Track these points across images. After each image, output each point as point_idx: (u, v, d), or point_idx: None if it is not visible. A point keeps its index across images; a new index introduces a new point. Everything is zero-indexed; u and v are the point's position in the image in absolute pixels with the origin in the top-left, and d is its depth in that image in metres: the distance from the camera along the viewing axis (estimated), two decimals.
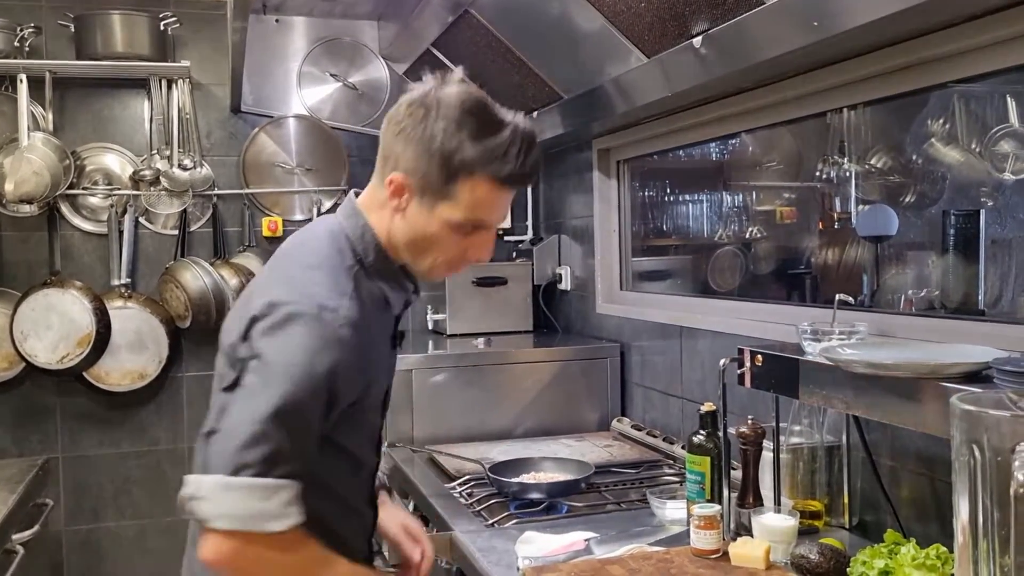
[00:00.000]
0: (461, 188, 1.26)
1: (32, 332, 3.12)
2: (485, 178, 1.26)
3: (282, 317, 1.20)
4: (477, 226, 1.31)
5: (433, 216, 1.29)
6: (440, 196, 1.27)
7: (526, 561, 1.64)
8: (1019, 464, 0.81)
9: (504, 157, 1.25)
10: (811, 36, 1.61)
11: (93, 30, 3.16)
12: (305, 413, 1.20)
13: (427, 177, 1.26)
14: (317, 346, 1.20)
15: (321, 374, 1.19)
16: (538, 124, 2.94)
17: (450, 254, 1.33)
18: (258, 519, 1.15)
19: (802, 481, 1.82)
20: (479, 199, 1.27)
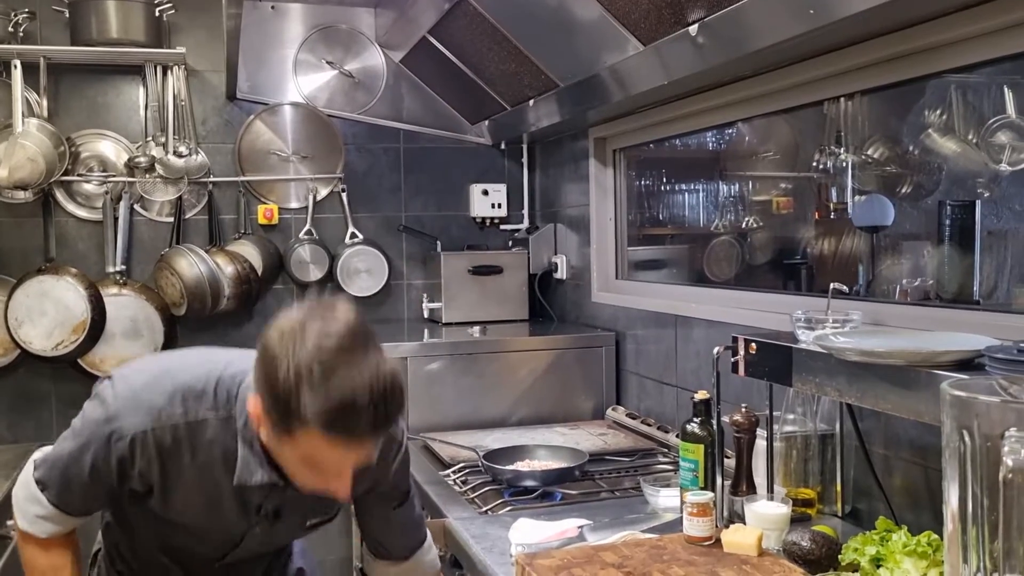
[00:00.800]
0: (299, 433, 1.19)
1: (27, 319, 3.11)
2: (318, 431, 1.16)
3: (102, 388, 1.46)
4: (319, 468, 1.25)
5: (283, 448, 1.26)
6: (283, 433, 1.22)
7: (519, 548, 1.64)
8: (1008, 450, 0.81)
9: (335, 413, 1.15)
10: (807, 24, 1.60)
11: (88, 16, 3.13)
12: (77, 472, 1.43)
13: (272, 411, 1.21)
14: (90, 435, 1.42)
15: (88, 460, 1.41)
16: (534, 112, 2.94)
17: (311, 483, 1.29)
18: (17, 510, 1.52)
19: (795, 469, 1.82)
20: (316, 447, 1.20)
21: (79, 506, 1.48)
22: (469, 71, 3.03)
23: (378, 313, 3.53)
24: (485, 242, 3.62)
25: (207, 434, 1.35)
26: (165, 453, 1.36)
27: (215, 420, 1.35)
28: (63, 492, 1.46)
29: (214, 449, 1.36)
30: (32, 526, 1.49)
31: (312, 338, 1.16)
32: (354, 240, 3.44)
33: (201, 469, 1.37)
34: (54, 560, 1.53)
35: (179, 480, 1.39)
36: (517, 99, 2.95)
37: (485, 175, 3.64)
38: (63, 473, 1.45)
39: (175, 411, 1.35)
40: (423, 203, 3.60)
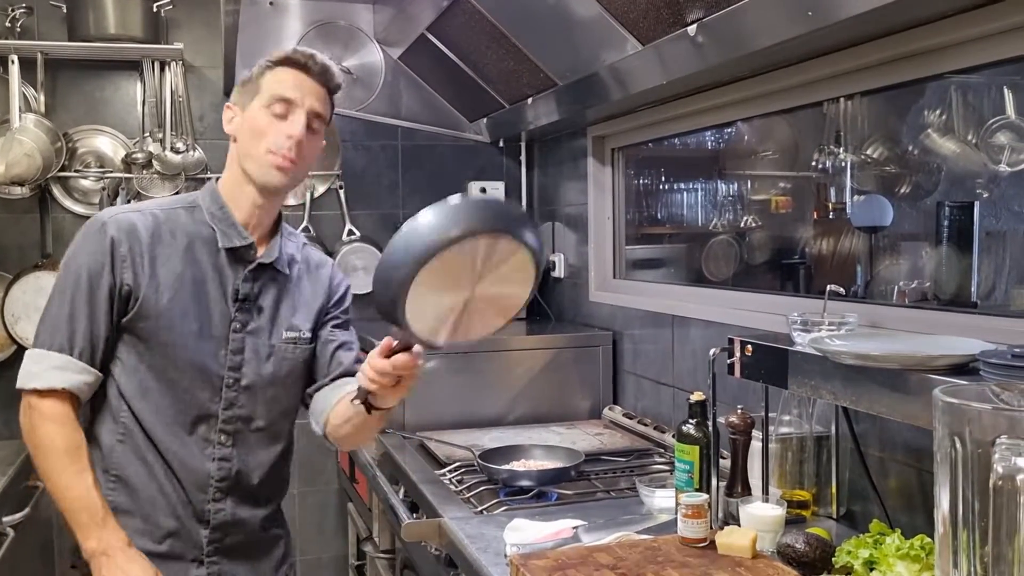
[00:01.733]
0: (264, 80, 1.58)
1: (23, 315, 3.11)
2: (277, 65, 1.58)
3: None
4: (282, 101, 1.56)
5: (250, 111, 1.58)
6: (251, 96, 1.59)
7: (514, 548, 1.64)
8: (999, 457, 0.81)
9: (289, 54, 1.58)
10: (805, 26, 1.60)
11: (85, 11, 3.13)
12: (71, 295, 1.51)
13: (243, 94, 1.62)
14: (80, 240, 1.55)
15: (80, 262, 1.52)
16: (533, 110, 2.93)
17: (270, 139, 1.56)
18: (24, 377, 1.50)
19: (790, 471, 1.82)
20: (277, 79, 1.57)
21: (86, 342, 1.51)
22: (468, 68, 3.03)
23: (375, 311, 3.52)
24: None
25: (181, 219, 1.60)
26: (145, 234, 1.55)
27: (184, 210, 1.62)
28: (69, 331, 1.50)
29: (190, 231, 1.59)
30: (50, 379, 1.48)
31: None
32: (352, 237, 3.44)
33: (179, 250, 1.57)
34: (73, 437, 1.50)
35: (160, 263, 1.55)
36: (516, 97, 2.94)
37: (483, 173, 3.64)
38: (62, 313, 1.51)
39: (151, 207, 1.61)
40: (421, 200, 3.54)
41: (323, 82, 1.61)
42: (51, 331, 1.51)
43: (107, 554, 1.49)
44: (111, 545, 1.50)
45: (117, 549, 1.50)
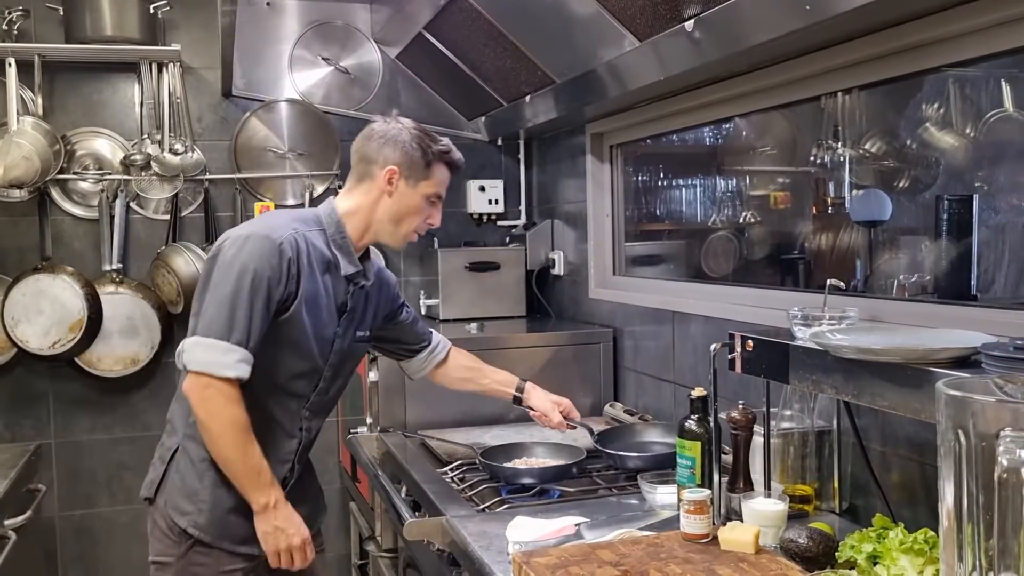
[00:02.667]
0: (435, 170, 1.91)
1: (23, 318, 3.11)
2: (444, 164, 1.93)
3: (241, 237, 1.78)
4: (439, 198, 1.94)
5: (416, 191, 1.90)
6: (422, 177, 1.90)
7: (516, 546, 1.64)
8: (1003, 449, 0.81)
9: (451, 153, 1.94)
10: (803, 20, 1.60)
11: (82, 13, 3.12)
12: (251, 298, 1.72)
13: (413, 165, 1.89)
14: (258, 254, 1.74)
15: (261, 273, 1.73)
16: (531, 108, 2.93)
17: (419, 221, 1.93)
18: (214, 366, 1.70)
19: (792, 466, 1.82)
20: (443, 177, 1.93)
21: (256, 339, 1.73)
22: (465, 67, 3.02)
23: None
24: (482, 238, 3.61)
25: (316, 242, 1.85)
26: (302, 254, 1.80)
27: (317, 232, 1.87)
28: (247, 329, 1.72)
29: (322, 253, 1.85)
30: (238, 370, 1.71)
31: (408, 121, 1.94)
32: None
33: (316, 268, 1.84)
34: (246, 417, 1.74)
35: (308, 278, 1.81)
36: (514, 95, 2.94)
37: (482, 171, 3.64)
38: (240, 311, 1.71)
39: (297, 226, 1.83)
40: None
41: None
42: (229, 325, 1.72)
43: (276, 508, 1.80)
44: (279, 500, 1.80)
45: (282, 503, 1.81)
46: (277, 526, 1.79)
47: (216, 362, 1.70)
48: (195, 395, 1.72)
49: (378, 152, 1.88)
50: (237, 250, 1.75)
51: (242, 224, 1.90)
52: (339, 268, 1.88)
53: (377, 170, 1.88)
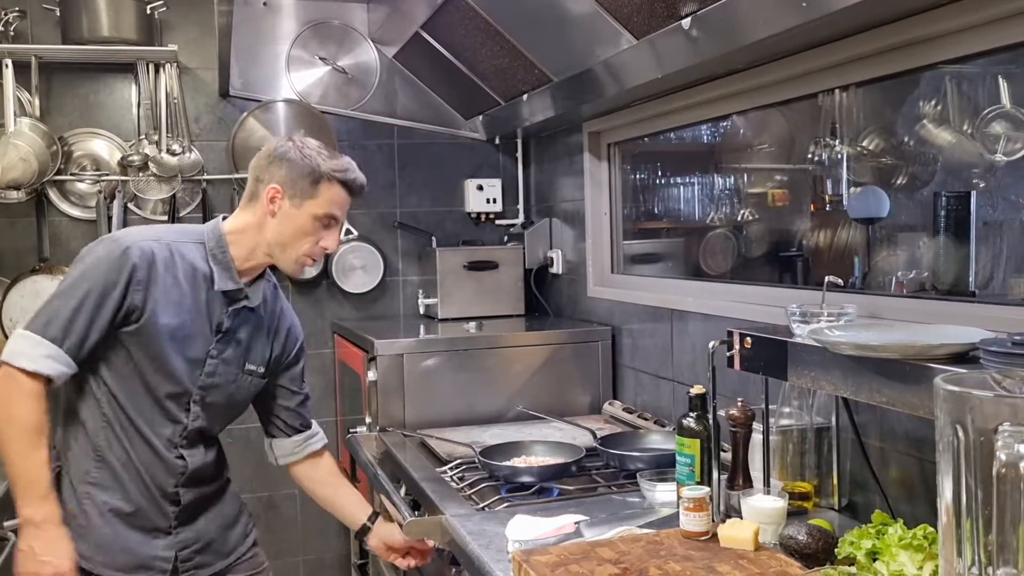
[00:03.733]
0: (323, 189, 1.78)
1: (21, 319, 3.10)
2: (337, 182, 1.80)
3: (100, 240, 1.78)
4: (331, 219, 1.81)
5: (301, 211, 1.78)
6: (307, 196, 1.78)
7: (516, 544, 1.64)
8: (1001, 444, 0.81)
9: (346, 172, 1.81)
10: (800, 17, 1.60)
11: (79, 14, 3.12)
12: (79, 300, 1.66)
13: (298, 184, 1.78)
14: (103, 255, 1.71)
15: (96, 277, 1.68)
16: (528, 107, 2.93)
17: (309, 244, 1.81)
18: (17, 356, 1.65)
19: (791, 463, 1.82)
20: (334, 197, 1.80)
21: (77, 341, 1.66)
22: (462, 66, 3.02)
23: (373, 309, 3.52)
24: (480, 237, 3.61)
25: (188, 254, 1.78)
26: (157, 263, 1.72)
27: (192, 245, 1.79)
28: (65, 328, 1.65)
29: (192, 265, 1.77)
30: (40, 364, 1.64)
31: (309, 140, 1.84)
32: (349, 236, 3.43)
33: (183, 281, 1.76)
34: (42, 418, 1.67)
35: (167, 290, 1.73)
36: (511, 94, 2.94)
37: (480, 170, 3.64)
38: (65, 310, 1.66)
39: (164, 236, 1.79)
40: (418, 199, 3.59)
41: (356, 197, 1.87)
42: (48, 321, 1.67)
43: (39, 527, 1.66)
44: (47, 519, 1.67)
45: (51, 524, 1.68)
46: (32, 547, 1.65)
47: (21, 353, 1.64)
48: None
49: (266, 170, 1.80)
50: (87, 252, 1.75)
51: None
52: (214, 283, 1.79)
53: (262, 189, 1.79)
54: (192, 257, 1.78)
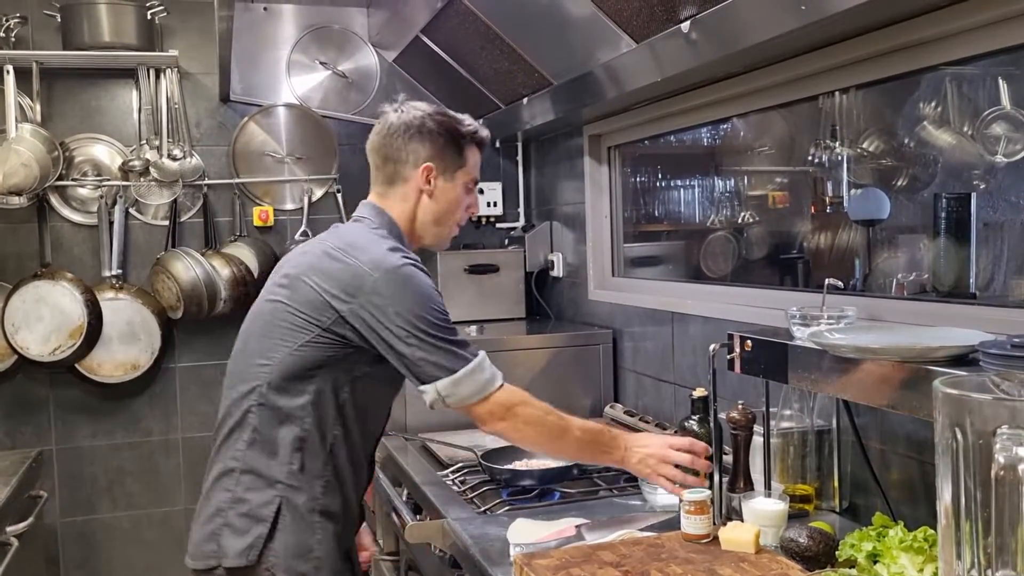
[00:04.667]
0: (468, 155, 1.76)
1: (23, 324, 3.11)
2: (474, 143, 1.77)
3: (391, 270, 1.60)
4: (475, 183, 1.80)
5: (455, 184, 1.75)
6: (458, 166, 1.74)
7: (517, 548, 1.64)
8: (1000, 447, 0.81)
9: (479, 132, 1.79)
10: (799, 20, 1.60)
11: (80, 20, 3.13)
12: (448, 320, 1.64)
13: (446, 157, 1.73)
14: (417, 284, 1.61)
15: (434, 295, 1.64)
16: (529, 110, 2.93)
17: (460, 215, 1.79)
18: (491, 382, 1.65)
19: (792, 465, 1.82)
20: (476, 161, 1.79)
21: None
22: (463, 70, 3.03)
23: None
24: (481, 240, 3.61)
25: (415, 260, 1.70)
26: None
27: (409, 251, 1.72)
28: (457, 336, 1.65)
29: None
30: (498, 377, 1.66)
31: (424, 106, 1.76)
32: None
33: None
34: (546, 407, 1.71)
35: None
36: (511, 97, 2.94)
37: (480, 174, 3.63)
38: (455, 334, 1.65)
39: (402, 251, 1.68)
40: None
41: None
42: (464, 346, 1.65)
43: (627, 449, 1.74)
44: (624, 441, 1.75)
45: (628, 439, 1.76)
46: (642, 456, 1.72)
47: (488, 378, 1.64)
48: (498, 423, 1.67)
49: (404, 149, 1.71)
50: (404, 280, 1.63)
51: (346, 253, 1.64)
52: None
53: (410, 170, 1.71)
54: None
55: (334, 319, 1.59)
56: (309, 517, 1.59)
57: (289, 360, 1.60)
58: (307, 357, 1.60)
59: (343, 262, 1.61)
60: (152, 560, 3.39)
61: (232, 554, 1.56)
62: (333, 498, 1.64)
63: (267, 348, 1.62)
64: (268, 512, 1.57)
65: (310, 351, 1.59)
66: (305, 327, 1.60)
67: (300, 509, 1.59)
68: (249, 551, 1.55)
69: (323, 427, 1.62)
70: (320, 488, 1.62)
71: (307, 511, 1.59)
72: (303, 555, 1.58)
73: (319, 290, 1.60)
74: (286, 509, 1.58)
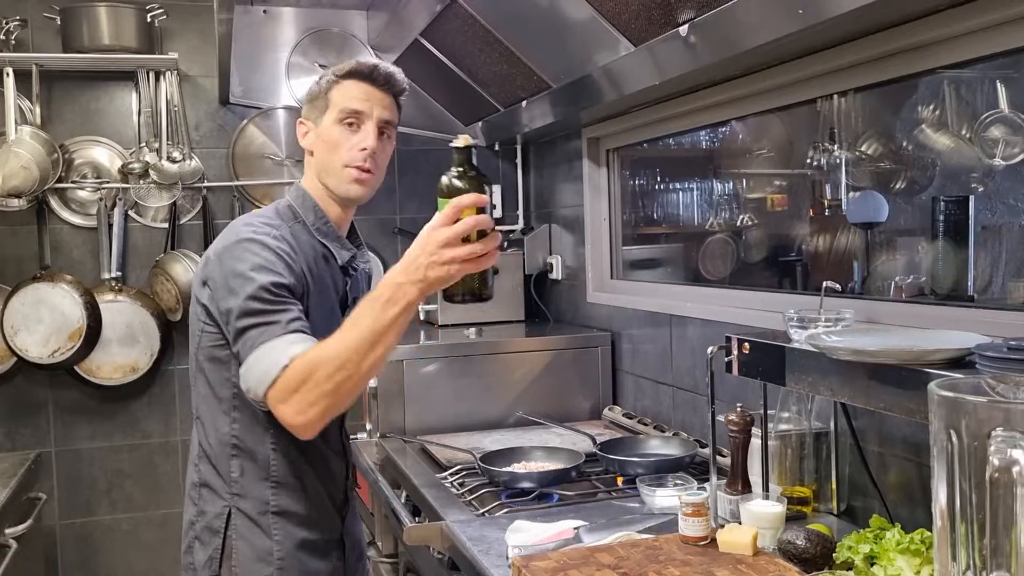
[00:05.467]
0: (334, 94, 1.63)
1: (23, 326, 3.11)
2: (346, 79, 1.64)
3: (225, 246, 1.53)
4: (353, 114, 1.62)
5: (323, 126, 1.64)
6: (322, 110, 1.64)
7: (516, 550, 1.64)
8: (995, 449, 0.82)
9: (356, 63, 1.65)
10: (797, 23, 1.60)
11: (79, 22, 3.14)
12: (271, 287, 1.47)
13: (315, 106, 1.66)
14: (247, 248, 1.51)
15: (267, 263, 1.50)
16: (528, 113, 2.94)
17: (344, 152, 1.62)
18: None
19: (790, 468, 1.82)
20: (347, 94, 1.63)
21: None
22: (462, 73, 3.03)
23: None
24: None
25: (302, 236, 1.63)
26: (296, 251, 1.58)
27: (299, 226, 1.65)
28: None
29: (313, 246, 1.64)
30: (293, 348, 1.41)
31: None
32: None
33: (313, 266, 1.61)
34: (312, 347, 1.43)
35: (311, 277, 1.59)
36: (510, 100, 2.95)
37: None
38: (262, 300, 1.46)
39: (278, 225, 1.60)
40: (418, 205, 3.60)
41: (388, 90, 1.67)
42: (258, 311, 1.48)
43: (405, 277, 1.41)
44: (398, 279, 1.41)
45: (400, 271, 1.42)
46: (418, 266, 1.39)
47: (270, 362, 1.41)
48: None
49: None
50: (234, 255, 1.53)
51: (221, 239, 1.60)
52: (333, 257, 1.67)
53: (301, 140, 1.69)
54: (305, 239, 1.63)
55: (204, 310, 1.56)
56: (262, 520, 1.58)
57: (198, 367, 1.59)
58: (207, 360, 1.58)
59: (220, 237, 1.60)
60: (151, 562, 3.39)
61: (199, 566, 1.59)
62: (289, 497, 1.60)
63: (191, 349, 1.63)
64: (220, 523, 1.59)
65: (205, 353, 1.58)
66: (195, 332, 1.60)
67: (250, 514, 1.58)
68: (211, 563, 1.58)
69: (251, 427, 1.57)
70: (269, 490, 1.59)
71: (258, 515, 1.58)
72: (264, 559, 1.57)
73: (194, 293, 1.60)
74: (236, 517, 1.58)
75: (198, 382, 1.61)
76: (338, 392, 1.40)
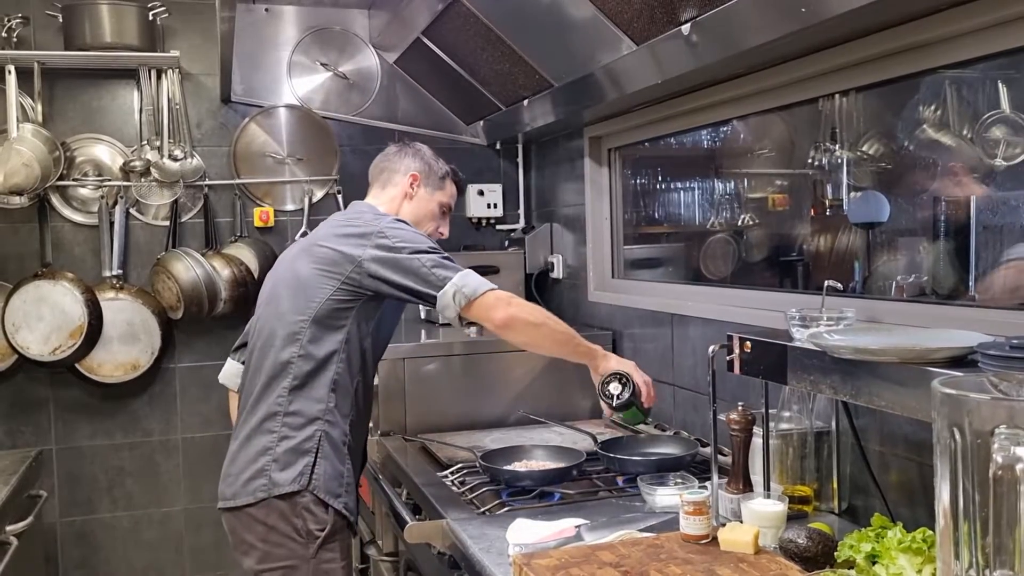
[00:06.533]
0: (447, 184, 2.19)
1: (24, 324, 3.11)
2: (453, 179, 2.22)
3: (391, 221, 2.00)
4: (449, 209, 2.22)
5: (432, 199, 2.16)
6: (437, 187, 2.17)
7: (517, 548, 1.64)
8: (998, 447, 0.82)
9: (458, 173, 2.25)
10: (799, 22, 1.61)
11: (81, 20, 3.14)
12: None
13: (431, 175, 2.17)
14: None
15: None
16: (529, 112, 2.94)
17: (433, 227, 2.17)
18: (481, 283, 1.93)
19: (791, 466, 1.82)
20: (453, 192, 2.22)
21: None
22: (463, 71, 3.03)
23: None
24: (481, 242, 3.62)
25: None
26: None
27: None
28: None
29: None
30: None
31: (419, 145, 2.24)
32: None
33: None
34: None
35: None
36: (512, 99, 2.95)
37: (481, 175, 3.64)
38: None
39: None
40: None
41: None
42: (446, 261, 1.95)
43: (608, 355, 2.10)
44: (606, 352, 2.12)
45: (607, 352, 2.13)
46: (620, 360, 2.09)
47: (478, 280, 1.91)
48: (503, 311, 1.93)
49: (399, 161, 2.14)
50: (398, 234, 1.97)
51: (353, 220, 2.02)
52: None
53: (399, 176, 2.12)
54: None
55: (352, 267, 1.90)
56: (341, 449, 1.93)
57: (321, 313, 1.91)
58: (334, 308, 1.91)
59: (350, 224, 1.99)
60: (151, 560, 3.39)
61: (284, 483, 1.87)
62: (355, 435, 1.99)
63: (300, 306, 1.92)
64: (312, 445, 1.89)
65: (335, 303, 1.91)
66: (328, 282, 1.91)
67: (336, 441, 1.92)
68: (300, 478, 1.87)
69: (351, 370, 1.95)
70: (348, 425, 1.95)
71: (340, 443, 1.93)
72: (337, 479, 1.91)
73: (334, 247, 1.93)
74: (325, 441, 1.90)
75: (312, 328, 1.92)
76: (539, 329, 2.02)
